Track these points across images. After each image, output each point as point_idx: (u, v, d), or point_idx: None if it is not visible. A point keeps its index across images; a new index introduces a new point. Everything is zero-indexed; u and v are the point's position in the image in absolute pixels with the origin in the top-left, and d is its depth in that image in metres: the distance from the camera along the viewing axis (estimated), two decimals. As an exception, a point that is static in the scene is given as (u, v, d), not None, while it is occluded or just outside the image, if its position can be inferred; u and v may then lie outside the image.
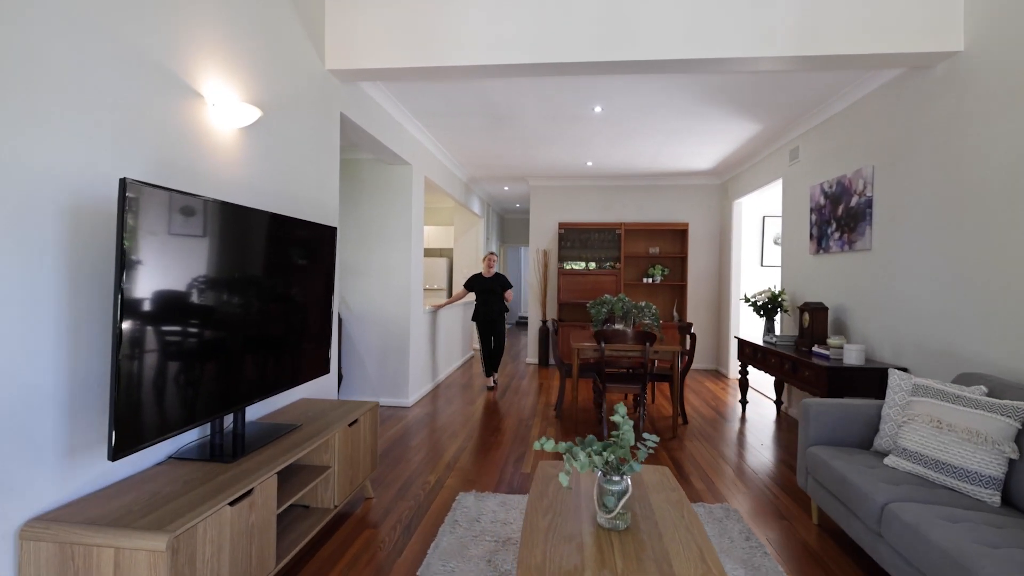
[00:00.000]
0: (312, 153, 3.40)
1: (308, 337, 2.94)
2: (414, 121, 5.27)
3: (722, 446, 4.42)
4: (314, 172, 3.43)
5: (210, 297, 2.12)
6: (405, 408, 5.53)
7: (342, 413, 2.96)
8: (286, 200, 3.11)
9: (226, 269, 2.21)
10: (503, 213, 12.45)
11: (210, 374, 2.13)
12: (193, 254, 2.01)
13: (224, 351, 2.21)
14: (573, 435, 4.67)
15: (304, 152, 3.30)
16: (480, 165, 7.36)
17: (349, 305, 5.65)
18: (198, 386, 2.06)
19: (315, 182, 3.45)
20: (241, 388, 2.33)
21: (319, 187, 3.51)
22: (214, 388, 2.15)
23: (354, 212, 5.66)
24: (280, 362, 2.66)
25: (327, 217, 3.63)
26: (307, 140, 3.33)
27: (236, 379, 2.29)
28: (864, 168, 4.13)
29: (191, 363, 2.02)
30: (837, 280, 4.56)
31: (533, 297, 8.51)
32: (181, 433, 1.97)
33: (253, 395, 2.41)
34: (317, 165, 3.47)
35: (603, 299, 5.17)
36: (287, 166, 3.11)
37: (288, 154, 3.12)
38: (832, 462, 2.71)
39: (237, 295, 2.28)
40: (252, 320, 2.40)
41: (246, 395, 2.36)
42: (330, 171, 3.66)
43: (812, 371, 3.93)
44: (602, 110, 4.88)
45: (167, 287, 1.88)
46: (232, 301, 2.25)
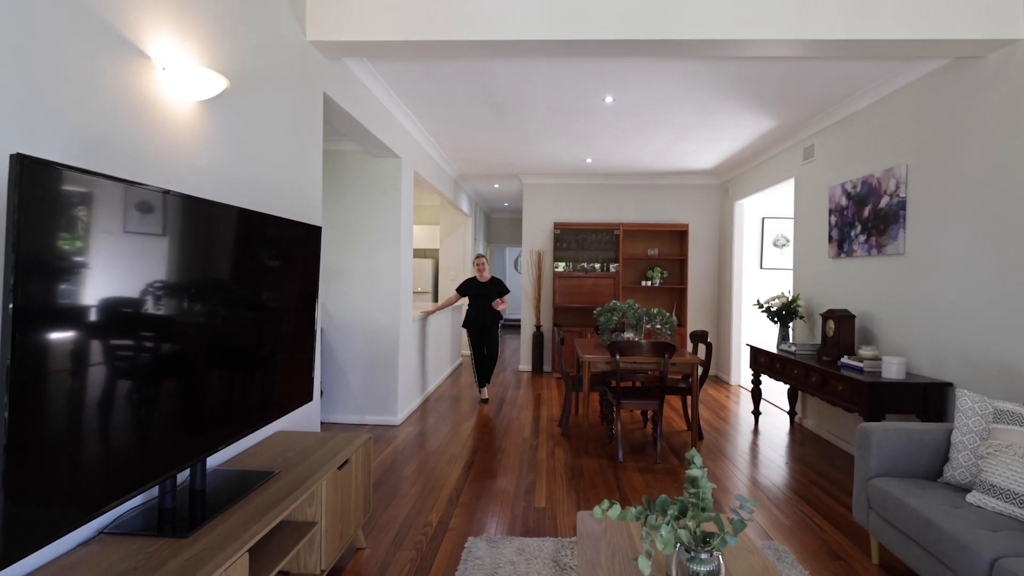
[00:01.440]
0: (292, 138, 2.92)
1: (287, 362, 2.47)
2: (405, 109, 4.80)
3: (746, 466, 4.04)
4: (294, 160, 2.95)
5: (160, 317, 1.64)
6: (394, 427, 5.05)
7: (329, 451, 2.49)
8: (260, 193, 2.62)
9: (180, 279, 1.73)
10: (490, 212, 12.01)
11: (157, 420, 1.65)
12: (138, 260, 1.53)
13: (176, 387, 1.74)
14: (583, 453, 4.25)
15: (282, 136, 2.82)
16: (472, 160, 6.91)
17: (330, 313, 5.15)
18: (140, 438, 1.58)
19: (295, 172, 2.97)
20: (200, 434, 1.85)
21: (300, 178, 3.03)
22: (162, 438, 1.67)
23: (337, 209, 5.16)
24: (251, 395, 2.18)
25: (310, 214, 3.15)
26: (285, 122, 2.85)
27: (193, 423, 1.81)
28: (896, 167, 3.79)
29: (128, 407, 1.54)
30: (862, 286, 4.21)
31: (526, 300, 8.08)
32: (114, 508, 1.49)
33: (216, 441, 1.93)
34: (298, 152, 2.99)
35: (612, 305, 4.76)
36: (261, 152, 2.63)
37: (262, 137, 2.63)
38: (907, 500, 2.32)
39: (195, 313, 1.81)
40: (214, 344, 1.92)
41: (206, 443, 1.88)
42: (312, 160, 3.18)
43: (848, 385, 3.57)
44: (613, 101, 4.47)
45: (96, 302, 1.40)
46: (188, 321, 1.77)
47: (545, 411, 5.70)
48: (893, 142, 3.88)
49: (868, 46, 3.00)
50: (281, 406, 2.41)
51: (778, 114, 4.76)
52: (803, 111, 4.66)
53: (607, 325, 4.69)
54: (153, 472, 1.62)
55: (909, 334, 3.68)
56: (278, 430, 2.85)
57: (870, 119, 4.15)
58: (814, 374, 4.02)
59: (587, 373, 4.28)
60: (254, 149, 2.55)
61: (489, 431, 4.94)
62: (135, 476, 1.54)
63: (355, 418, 5.15)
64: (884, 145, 3.97)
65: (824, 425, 4.78)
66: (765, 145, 5.81)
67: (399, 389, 5.16)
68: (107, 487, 1.44)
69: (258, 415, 2.22)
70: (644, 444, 4.57)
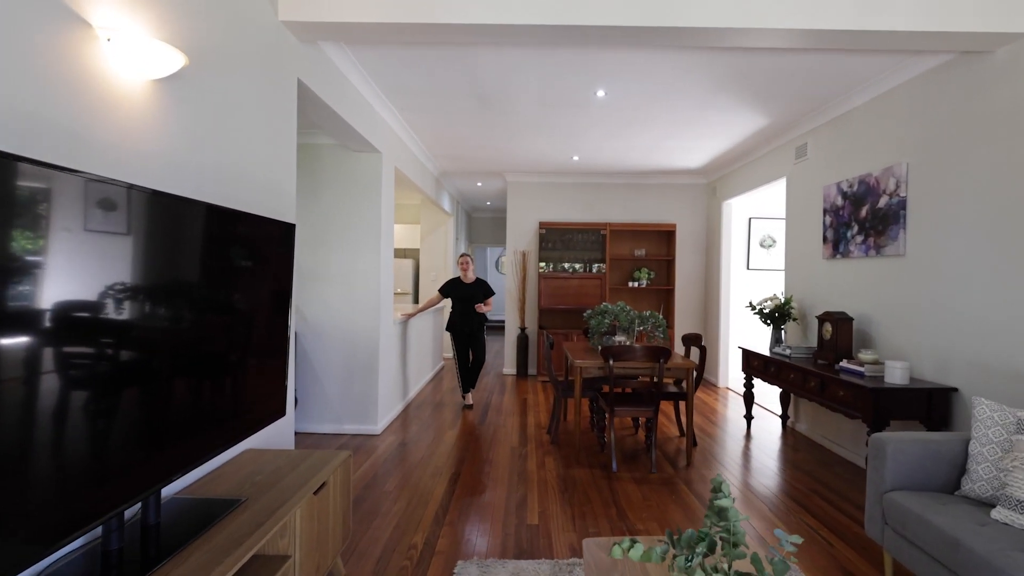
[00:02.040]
0: (262, 127, 2.67)
1: (257, 374, 2.23)
2: (385, 101, 4.56)
3: (743, 474, 3.89)
4: (265, 152, 2.71)
5: (107, 323, 1.40)
6: (374, 436, 4.80)
7: (304, 473, 2.26)
8: (226, 187, 2.38)
9: (132, 278, 1.49)
10: (471, 211, 11.78)
11: (101, 446, 1.41)
12: (78, 257, 1.29)
13: (123, 407, 1.50)
14: (574, 463, 4.06)
15: (251, 124, 2.57)
16: (454, 157, 6.68)
17: (305, 316, 4.88)
18: (81, 470, 1.34)
19: (267, 165, 2.72)
20: (154, 461, 1.61)
21: (272, 172, 2.78)
22: (109, 468, 1.43)
23: (313, 206, 4.90)
24: (215, 413, 1.94)
25: (283, 210, 2.90)
26: (255, 109, 2.61)
27: (146, 449, 1.57)
28: (896, 166, 3.67)
29: (62, 432, 1.30)
30: (859, 288, 4.10)
31: (510, 302, 7.87)
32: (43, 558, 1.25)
33: (173, 469, 1.69)
34: (269, 143, 2.75)
35: (603, 308, 4.58)
36: (228, 141, 2.38)
37: (229, 125, 2.39)
38: (929, 517, 2.17)
39: (151, 319, 1.57)
40: (170, 356, 1.69)
41: (162, 471, 1.64)
42: (285, 152, 2.94)
43: (849, 391, 3.43)
44: (605, 95, 4.29)
45: (30, 302, 1.16)
46: (141, 328, 1.53)
47: (532, 417, 5.50)
48: (893, 140, 3.76)
49: (876, 38, 2.86)
50: (249, 424, 2.17)
51: (771, 111, 4.63)
52: (797, 108, 4.53)
53: (598, 328, 4.51)
54: (96, 510, 1.38)
55: (910, 337, 3.57)
56: (248, 448, 2.60)
57: (868, 117, 4.03)
58: (812, 379, 3.88)
59: (579, 379, 4.09)
60: (219, 138, 2.30)
61: (475, 440, 4.72)
62: (73, 516, 1.30)
63: (332, 428, 4.89)
64: (883, 143, 3.86)
65: (818, 430, 4.66)
66: (755, 144, 5.69)
67: (379, 396, 4.92)
68: (36, 532, 1.20)
69: (222, 436, 1.97)
70: (636, 452, 4.40)
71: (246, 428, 2.14)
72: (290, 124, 2.98)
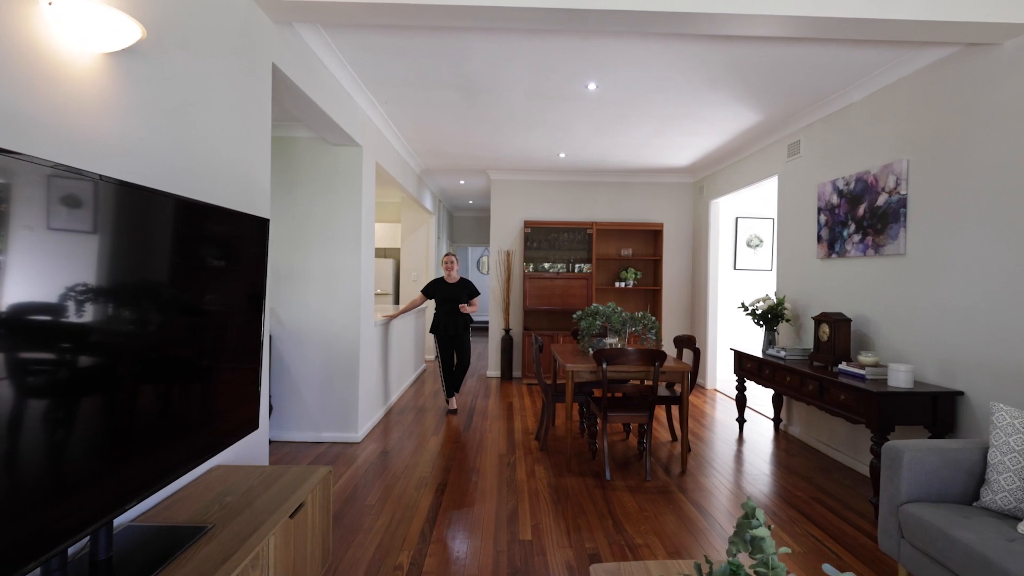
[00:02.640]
0: (233, 113, 2.45)
1: (226, 384, 2.02)
2: (366, 92, 4.34)
3: (741, 480, 3.76)
4: (236, 140, 2.49)
5: (47, 326, 1.19)
6: (354, 444, 4.58)
7: (279, 493, 2.05)
8: (191, 178, 2.15)
9: (94, 279, 1.28)
10: (453, 210, 11.57)
11: (41, 472, 1.19)
12: (35, 255, 1.08)
13: (69, 426, 1.28)
14: (566, 471, 3.89)
15: (221, 109, 2.35)
16: (438, 153, 6.47)
17: (281, 319, 4.64)
18: (18, 499, 1.12)
19: (238, 154, 2.50)
20: (107, 487, 1.40)
21: (244, 162, 2.56)
22: (52, 496, 1.22)
23: (289, 203, 4.65)
24: (177, 428, 1.73)
25: (256, 204, 2.68)
26: (225, 92, 2.39)
27: (92, 475, 1.36)
28: (896, 163, 3.58)
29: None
30: (856, 288, 4.00)
31: (494, 302, 7.69)
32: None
33: (128, 496, 1.48)
34: (241, 130, 2.52)
35: (594, 309, 4.42)
36: (193, 127, 2.16)
37: (195, 109, 2.17)
38: (954, 532, 2.04)
39: (106, 322, 1.35)
40: (127, 365, 1.47)
41: (115, 498, 1.43)
42: (259, 141, 2.71)
43: (851, 395, 3.32)
44: (597, 88, 4.13)
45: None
46: (93, 332, 1.32)
47: (519, 422, 5.32)
48: (892, 136, 3.67)
49: (882, 27, 2.74)
50: (217, 440, 1.96)
51: (764, 107, 4.52)
52: (791, 104, 4.42)
53: (589, 330, 4.35)
54: (32, 549, 1.16)
55: (912, 339, 3.47)
56: (217, 464, 2.38)
57: (866, 113, 3.94)
58: (810, 382, 3.76)
59: (570, 384, 3.92)
60: (184, 124, 2.08)
61: (460, 447, 4.53)
62: (8, 556, 1.09)
63: (310, 435, 4.66)
64: (882, 140, 3.76)
65: (812, 433, 4.56)
66: (745, 142, 5.59)
67: (360, 402, 4.69)
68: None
69: (186, 455, 1.76)
70: (628, 458, 4.25)
71: (213, 445, 1.93)
72: (264, 112, 2.76)
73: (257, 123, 2.68)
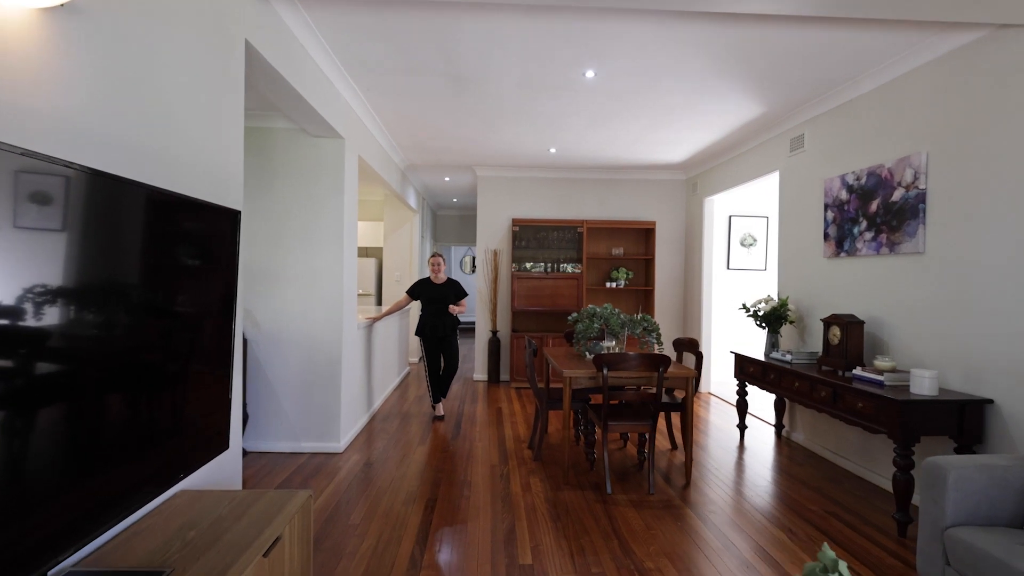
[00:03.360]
0: (201, 91, 2.16)
1: (191, 400, 1.73)
2: (348, 80, 4.05)
3: (748, 492, 3.55)
4: (204, 123, 2.19)
5: None
6: (336, 455, 4.28)
7: (252, 525, 1.76)
8: (149, 164, 1.86)
9: (26, 274, 1.00)
10: (437, 208, 11.26)
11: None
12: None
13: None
14: (563, 484, 3.65)
15: (186, 86, 2.06)
16: (423, 147, 6.18)
17: (257, 322, 4.32)
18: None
19: (205, 139, 2.21)
20: (31, 533, 1.11)
21: (213, 148, 2.26)
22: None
23: (266, 199, 4.34)
24: (127, 454, 1.44)
25: (227, 196, 2.39)
26: (192, 68, 2.09)
27: (16, 517, 1.07)
28: (913, 156, 3.39)
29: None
30: (868, 288, 3.82)
31: (481, 303, 7.42)
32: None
33: (63, 542, 1.19)
34: (209, 112, 2.23)
35: (591, 311, 4.18)
36: (152, 104, 1.86)
37: (155, 83, 1.87)
38: (1014, 563, 1.83)
39: (47, 327, 1.07)
40: (71, 380, 1.19)
41: (45, 548, 1.14)
42: (230, 125, 2.42)
43: (869, 402, 3.12)
44: (595, 76, 3.89)
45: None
46: (15, 338, 1.04)
47: (510, 429, 5.07)
48: (909, 128, 3.48)
49: (908, 3, 2.54)
50: (178, 464, 1.67)
51: (768, 99, 4.32)
52: (796, 95, 4.23)
53: (586, 333, 4.11)
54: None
55: (932, 343, 3.28)
56: (182, 489, 2.08)
57: (878, 103, 3.75)
58: (822, 388, 3.57)
59: (568, 391, 3.68)
60: (140, 98, 1.78)
61: (450, 457, 4.26)
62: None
63: (289, 445, 4.35)
64: (897, 132, 3.58)
65: (818, 440, 4.38)
66: (744, 136, 5.40)
67: (342, 409, 4.40)
68: None
69: (137, 487, 1.48)
70: (628, 468, 4.02)
71: (172, 472, 1.65)
72: (237, 94, 2.46)
73: (229, 105, 2.39)
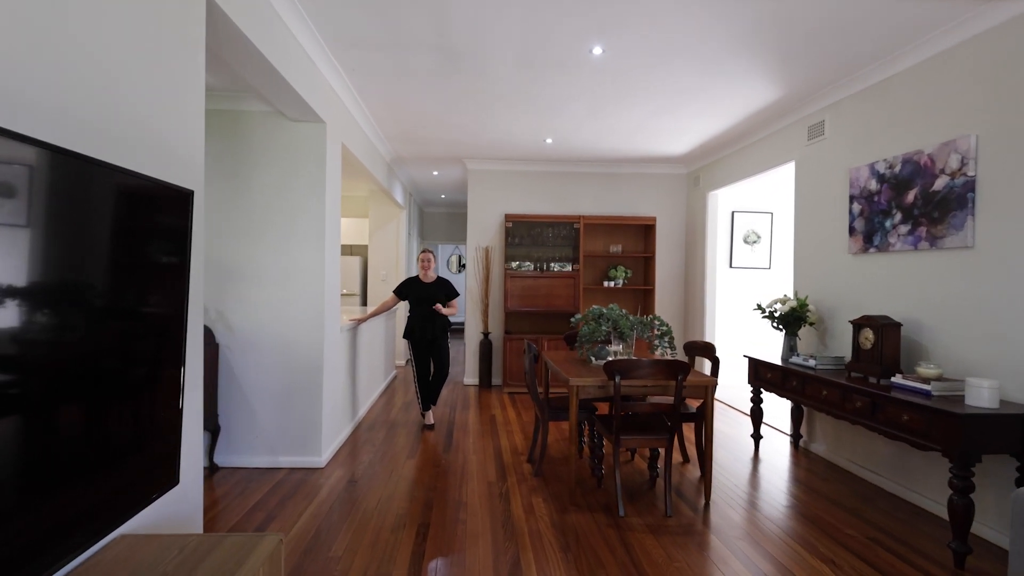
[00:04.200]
0: (148, 50, 1.75)
1: (124, 424, 1.33)
2: (329, 57, 3.64)
3: (776, 513, 3.20)
4: (151, 86, 1.78)
5: None
6: (317, 470, 3.87)
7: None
8: (84, 137, 1.45)
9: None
10: (424, 205, 10.84)
11: None
12: None
13: None
14: (569, 504, 3.27)
15: (129, 38, 1.64)
16: (411, 138, 5.78)
17: (230, 325, 3.90)
18: None
19: (153, 106, 1.79)
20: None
21: (162, 118, 1.85)
22: None
23: (239, 190, 3.92)
24: (36, 499, 1.04)
25: (184, 177, 1.97)
26: (135, 19, 1.68)
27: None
28: (960, 140, 3.07)
29: None
30: (903, 287, 3.49)
31: (472, 303, 7.02)
32: None
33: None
34: (159, 75, 1.82)
35: (597, 311, 3.81)
36: (83, 63, 1.45)
37: (85, 37, 1.46)
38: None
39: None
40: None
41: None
42: (187, 92, 2.01)
43: (919, 415, 2.78)
44: (602, 53, 3.52)
45: None
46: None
47: (505, 439, 4.68)
48: (954, 109, 3.15)
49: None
50: (107, 510, 1.27)
51: (787, 80, 3.98)
52: (820, 77, 3.89)
53: (593, 336, 3.74)
54: None
55: (983, 348, 2.95)
56: (124, 533, 1.67)
57: (916, 83, 3.42)
58: (858, 398, 3.23)
59: (575, 401, 3.31)
60: (67, 57, 1.37)
61: (442, 472, 3.87)
62: None
63: (265, 460, 3.93)
64: (939, 114, 3.25)
65: (842, 452, 4.05)
66: (755, 125, 5.07)
67: (323, 420, 3.99)
68: None
69: (44, 547, 1.07)
70: (638, 485, 3.66)
71: (95, 524, 1.24)
72: (195, 57, 2.05)
73: (185, 70, 1.97)
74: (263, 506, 3.27)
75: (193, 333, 2.00)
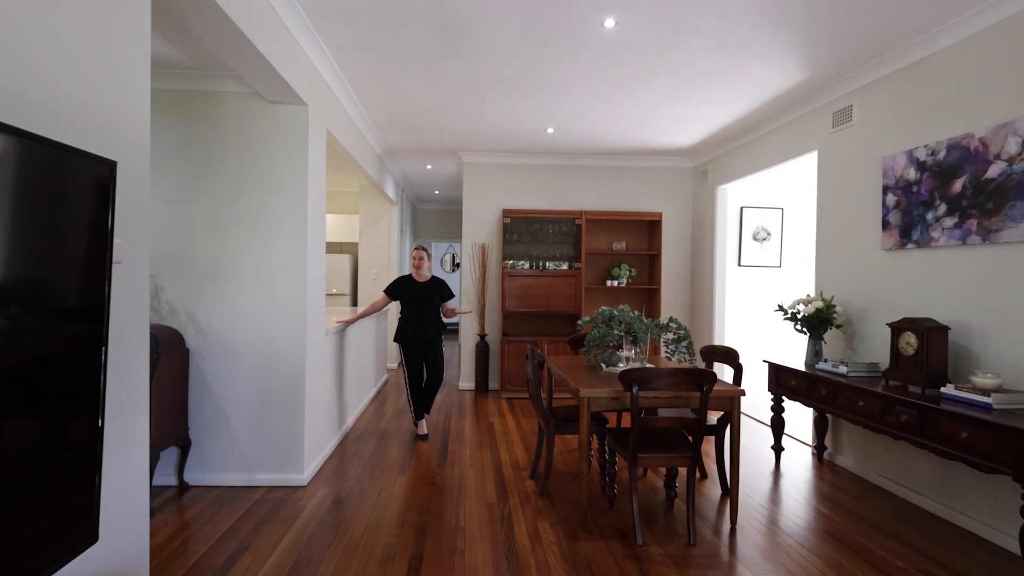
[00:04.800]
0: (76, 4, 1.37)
1: (22, 464, 0.96)
2: (312, 31, 3.27)
3: (810, 539, 2.85)
4: (80, 46, 1.40)
5: None
6: (298, 489, 3.50)
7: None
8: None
9: None
10: (416, 202, 10.45)
11: None
12: None
13: None
14: (580, 530, 2.92)
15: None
16: (402, 127, 5.40)
17: (202, 329, 3.51)
18: None
19: (87, 77, 1.41)
20: None
21: (90, 83, 1.47)
22: None
23: (211, 180, 3.53)
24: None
25: (121, 150, 1.59)
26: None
27: None
28: (1020, 121, 2.73)
29: None
30: (948, 286, 3.15)
31: (467, 303, 6.64)
32: None
33: None
34: (89, 33, 1.44)
35: (608, 313, 3.45)
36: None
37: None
38: None
39: None
40: None
41: None
42: (133, 59, 1.63)
43: (982, 432, 2.43)
44: (616, 25, 3.16)
45: None
46: None
47: (505, 452, 4.32)
48: (1011, 87, 2.81)
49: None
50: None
51: (813, 61, 3.63)
52: (849, 55, 3.54)
53: (604, 341, 3.38)
54: None
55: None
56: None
57: (962, 59, 3.08)
58: (903, 411, 2.88)
59: (586, 415, 2.95)
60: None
61: (437, 491, 3.50)
62: None
63: (242, 478, 3.56)
64: (991, 93, 2.91)
65: (873, 466, 3.71)
66: (772, 112, 4.72)
67: (306, 433, 3.62)
68: None
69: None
70: (655, 507, 3.31)
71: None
72: (141, 11, 1.68)
73: (129, 28, 1.60)
74: (235, 533, 2.89)
75: (131, 338, 1.63)
